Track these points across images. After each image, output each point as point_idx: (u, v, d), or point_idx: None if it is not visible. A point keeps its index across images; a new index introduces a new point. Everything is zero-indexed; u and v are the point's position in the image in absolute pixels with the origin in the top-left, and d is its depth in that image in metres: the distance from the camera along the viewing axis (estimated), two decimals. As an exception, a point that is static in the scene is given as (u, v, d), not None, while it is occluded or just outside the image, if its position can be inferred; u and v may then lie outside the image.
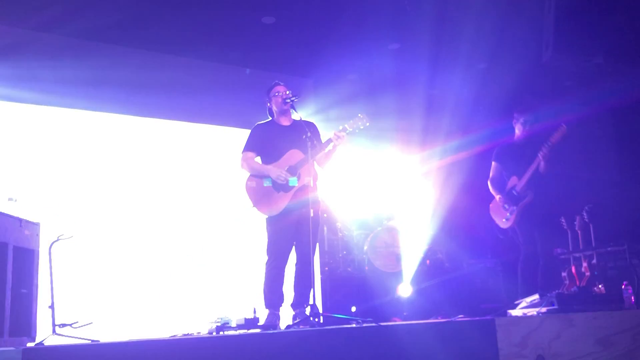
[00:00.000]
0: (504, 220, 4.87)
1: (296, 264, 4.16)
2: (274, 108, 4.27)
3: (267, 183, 4.07)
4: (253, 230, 4.52)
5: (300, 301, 4.07)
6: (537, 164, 4.70)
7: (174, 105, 5.86)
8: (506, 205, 4.83)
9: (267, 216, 4.12)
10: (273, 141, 4.18)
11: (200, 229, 5.71)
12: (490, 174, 5.06)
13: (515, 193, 4.80)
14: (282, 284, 4.10)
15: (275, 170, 4.07)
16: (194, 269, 5.56)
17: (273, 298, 4.03)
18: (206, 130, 6.07)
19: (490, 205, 5.02)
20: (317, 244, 4.75)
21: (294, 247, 4.17)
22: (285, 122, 4.28)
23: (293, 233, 4.09)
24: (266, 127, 4.28)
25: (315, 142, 3.94)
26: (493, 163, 5.07)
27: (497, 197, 4.91)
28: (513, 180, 4.87)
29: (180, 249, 5.56)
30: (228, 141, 5.82)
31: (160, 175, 5.66)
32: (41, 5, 4.88)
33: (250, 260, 5.43)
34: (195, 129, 6.02)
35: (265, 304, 4.04)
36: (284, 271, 4.11)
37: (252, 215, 4.20)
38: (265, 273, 4.08)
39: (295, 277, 4.14)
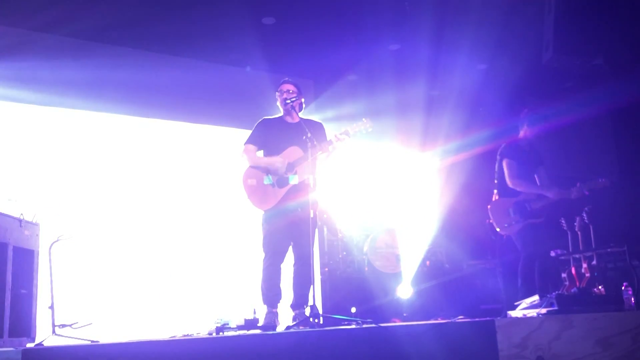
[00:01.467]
0: (505, 225, 4.77)
1: (294, 265, 4.16)
2: (279, 106, 4.29)
3: (267, 181, 4.06)
4: (252, 231, 4.52)
5: (299, 302, 4.06)
6: (567, 196, 4.66)
7: (174, 106, 5.86)
8: (512, 213, 4.77)
9: (263, 213, 4.11)
10: (275, 137, 4.19)
11: (199, 229, 5.71)
12: (509, 172, 4.78)
13: (528, 208, 4.73)
14: (280, 282, 4.09)
15: (273, 160, 4.08)
16: (193, 269, 5.55)
17: (270, 295, 4.03)
18: (206, 130, 6.07)
19: (490, 205, 4.93)
20: (318, 245, 4.75)
21: (290, 247, 4.17)
22: (290, 119, 4.29)
23: (290, 232, 4.09)
24: (271, 123, 4.29)
25: (316, 142, 3.94)
26: (507, 160, 4.81)
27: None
28: (529, 193, 4.77)
29: (179, 250, 5.56)
30: (228, 142, 5.82)
31: (160, 176, 5.65)
32: (41, 6, 4.88)
33: (250, 260, 5.42)
34: (195, 129, 6.02)
35: (263, 302, 4.04)
36: (280, 268, 4.11)
37: (248, 211, 4.20)
38: (262, 270, 4.08)
39: (294, 278, 4.14)
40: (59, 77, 5.27)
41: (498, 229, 4.85)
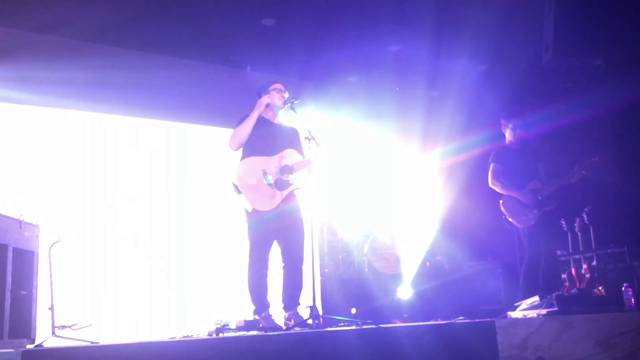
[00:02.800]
0: (524, 218, 4.80)
1: (284, 267, 4.10)
2: (269, 102, 4.21)
3: (268, 180, 4.03)
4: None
5: (291, 304, 4.03)
6: (569, 180, 4.78)
7: (174, 107, 5.86)
8: (526, 205, 4.80)
9: (250, 216, 4.03)
10: (266, 137, 4.13)
11: (199, 230, 5.70)
12: (492, 175, 4.99)
13: (539, 197, 4.80)
14: (267, 286, 4.04)
15: (269, 160, 4.02)
16: (193, 270, 5.55)
17: (263, 301, 3.98)
18: (206, 132, 6.07)
19: (502, 201, 4.92)
20: (317, 246, 4.70)
21: (279, 249, 4.13)
22: (275, 119, 4.27)
23: (278, 235, 4.05)
24: (257, 121, 4.20)
25: (314, 144, 3.93)
26: (493, 165, 5.02)
27: (517, 194, 4.83)
28: (535, 184, 4.85)
29: (179, 251, 5.55)
30: (227, 142, 5.81)
31: (160, 177, 5.65)
32: (41, 7, 4.88)
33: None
34: (195, 130, 6.02)
35: (257, 309, 3.95)
36: (267, 272, 4.05)
37: (243, 209, 4.16)
38: (251, 277, 4.00)
39: (284, 280, 4.09)
40: (60, 78, 5.28)
41: (513, 222, 4.86)
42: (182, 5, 5.15)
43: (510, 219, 4.87)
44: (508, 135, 5.08)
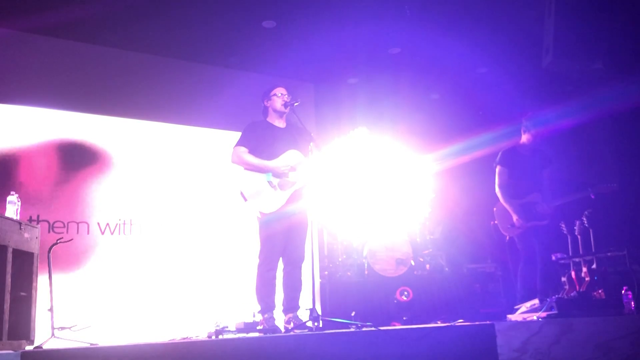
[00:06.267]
0: (509, 226, 4.85)
1: (285, 269, 4.11)
2: (273, 108, 4.25)
3: (269, 178, 4.04)
4: (252, 234, 4.51)
5: (291, 305, 4.04)
6: (572, 199, 4.77)
7: (174, 109, 5.87)
8: (519, 218, 4.80)
9: (260, 217, 4.06)
10: (269, 140, 4.14)
11: (199, 232, 5.70)
12: (499, 180, 4.95)
13: (534, 210, 4.79)
14: (275, 287, 4.07)
15: (275, 164, 4.04)
16: (192, 272, 5.54)
17: (269, 302, 3.98)
18: (206, 133, 6.07)
19: (496, 207, 4.97)
20: (317, 248, 4.69)
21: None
22: (280, 123, 4.27)
23: (286, 236, 4.07)
24: (262, 126, 4.24)
25: (314, 144, 3.94)
26: (499, 168, 4.96)
27: (511, 209, 4.82)
28: (535, 197, 4.83)
29: (178, 252, 5.55)
30: (228, 145, 5.81)
31: (158, 179, 5.65)
32: (41, 7, 4.89)
33: (249, 263, 5.41)
34: (195, 132, 6.02)
35: (262, 309, 3.96)
36: (275, 274, 4.07)
37: (248, 214, 4.17)
38: (260, 276, 4.02)
39: (284, 282, 4.10)
40: (59, 79, 5.29)
41: (500, 228, 4.92)
42: (182, 7, 5.16)
43: (497, 224, 4.94)
44: (525, 137, 5.00)
